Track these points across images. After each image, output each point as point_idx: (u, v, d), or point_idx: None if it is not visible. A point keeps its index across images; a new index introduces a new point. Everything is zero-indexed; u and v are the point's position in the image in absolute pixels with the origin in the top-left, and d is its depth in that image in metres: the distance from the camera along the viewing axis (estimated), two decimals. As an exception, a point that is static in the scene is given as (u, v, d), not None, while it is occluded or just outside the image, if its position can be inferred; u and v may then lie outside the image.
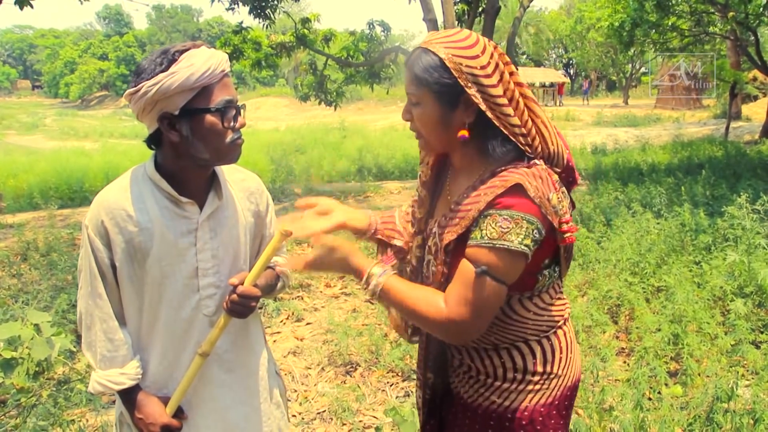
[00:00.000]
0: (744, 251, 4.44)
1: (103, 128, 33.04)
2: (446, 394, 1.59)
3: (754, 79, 23.14)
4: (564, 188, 1.36)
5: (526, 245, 1.23)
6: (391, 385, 3.45)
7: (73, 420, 3.02)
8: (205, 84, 1.36)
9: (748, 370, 3.35)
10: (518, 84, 1.31)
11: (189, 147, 1.40)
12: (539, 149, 1.33)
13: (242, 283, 1.46)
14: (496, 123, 1.28)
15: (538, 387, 1.40)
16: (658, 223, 5.53)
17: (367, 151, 15.85)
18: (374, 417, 3.14)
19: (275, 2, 10.56)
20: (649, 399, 3.05)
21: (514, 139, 1.30)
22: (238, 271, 1.56)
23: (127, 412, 1.53)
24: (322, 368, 3.71)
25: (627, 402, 2.80)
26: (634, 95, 36.74)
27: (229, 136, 1.42)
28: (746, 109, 23.15)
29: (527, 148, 1.31)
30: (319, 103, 12.95)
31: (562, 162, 1.38)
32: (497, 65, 1.28)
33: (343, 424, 3.07)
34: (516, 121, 1.29)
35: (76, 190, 11.74)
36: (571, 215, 1.36)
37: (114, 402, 3.28)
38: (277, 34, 12.56)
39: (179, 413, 1.51)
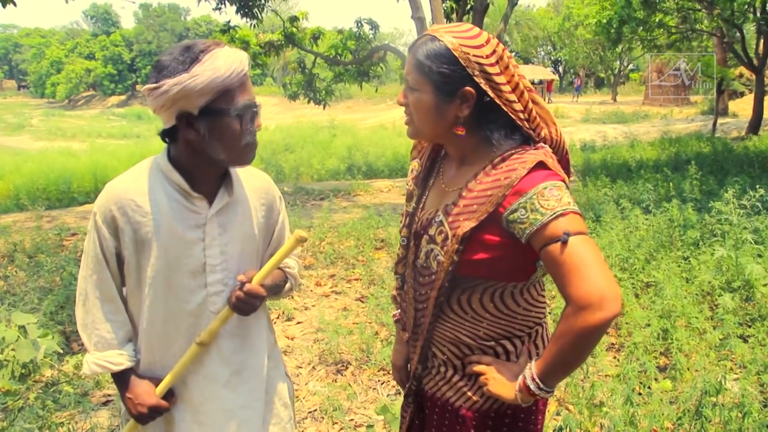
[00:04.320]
0: (731, 246, 4.47)
1: (90, 128, 32.82)
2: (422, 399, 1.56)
3: (741, 75, 23.39)
4: None
5: (575, 205, 1.23)
6: (382, 383, 3.44)
7: (62, 422, 2.99)
8: (227, 86, 1.35)
9: (736, 364, 3.38)
10: (521, 75, 1.33)
11: (205, 146, 1.40)
12: (543, 135, 1.36)
13: (250, 281, 1.48)
14: (505, 109, 1.30)
15: None
16: (646, 219, 5.56)
17: (356, 149, 15.88)
18: (365, 415, 3.14)
19: (262, 1, 10.52)
20: (639, 394, 3.06)
21: (520, 124, 1.32)
22: (246, 268, 1.56)
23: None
24: (313, 367, 3.70)
25: (617, 397, 2.81)
26: (623, 92, 36.98)
27: (245, 138, 1.41)
28: (733, 105, 23.36)
29: (531, 132, 1.34)
30: (308, 102, 12.94)
31: (562, 151, 1.42)
32: (501, 56, 1.30)
33: (335, 423, 3.06)
34: (519, 107, 1.31)
35: (64, 191, 11.65)
36: None
37: (104, 404, 3.26)
38: (265, 32, 12.51)
39: (169, 397, 1.53)
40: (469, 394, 1.41)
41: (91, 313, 1.51)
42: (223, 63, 1.34)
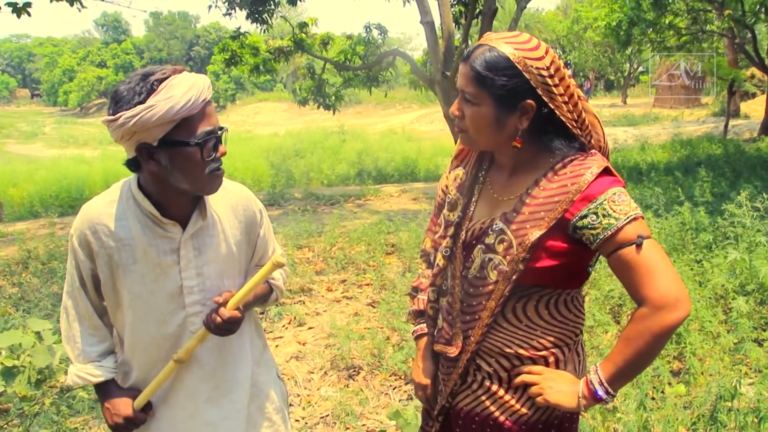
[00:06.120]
0: (745, 249, 4.43)
1: (102, 136, 32.94)
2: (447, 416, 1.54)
3: (752, 76, 23.17)
4: None
5: (640, 210, 1.26)
6: (394, 389, 3.44)
7: (76, 428, 3.02)
8: (185, 116, 1.32)
9: (751, 368, 3.35)
10: (574, 85, 1.32)
11: (168, 176, 1.38)
12: (592, 142, 1.37)
13: (225, 304, 1.46)
14: (563, 119, 1.29)
15: None
16: (658, 222, 5.52)
17: (366, 154, 15.90)
18: (378, 420, 3.14)
19: (272, 7, 10.60)
20: (653, 399, 3.04)
21: (574, 132, 1.32)
22: (227, 286, 1.55)
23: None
24: (325, 372, 3.71)
25: (630, 402, 2.80)
26: (633, 94, 36.72)
27: (209, 167, 1.39)
28: (745, 106, 23.15)
29: (584, 139, 1.35)
30: (318, 107, 12.98)
31: (606, 157, 1.42)
32: (558, 67, 1.28)
33: (347, 428, 3.07)
34: (573, 116, 1.31)
35: (77, 198, 11.75)
36: None
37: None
38: (275, 39, 12.59)
39: (147, 410, 1.55)
40: (517, 406, 1.38)
41: (73, 327, 1.55)
42: (180, 92, 1.30)
